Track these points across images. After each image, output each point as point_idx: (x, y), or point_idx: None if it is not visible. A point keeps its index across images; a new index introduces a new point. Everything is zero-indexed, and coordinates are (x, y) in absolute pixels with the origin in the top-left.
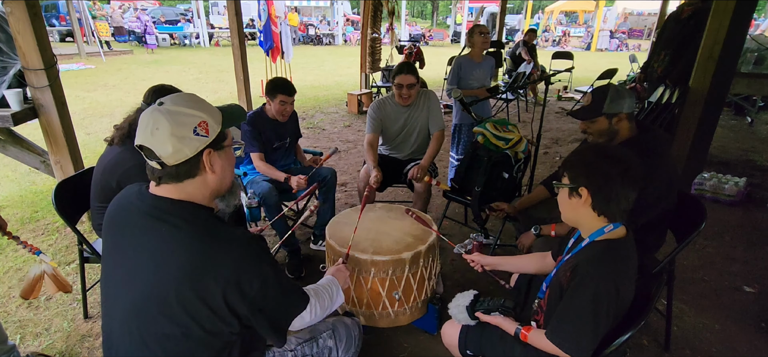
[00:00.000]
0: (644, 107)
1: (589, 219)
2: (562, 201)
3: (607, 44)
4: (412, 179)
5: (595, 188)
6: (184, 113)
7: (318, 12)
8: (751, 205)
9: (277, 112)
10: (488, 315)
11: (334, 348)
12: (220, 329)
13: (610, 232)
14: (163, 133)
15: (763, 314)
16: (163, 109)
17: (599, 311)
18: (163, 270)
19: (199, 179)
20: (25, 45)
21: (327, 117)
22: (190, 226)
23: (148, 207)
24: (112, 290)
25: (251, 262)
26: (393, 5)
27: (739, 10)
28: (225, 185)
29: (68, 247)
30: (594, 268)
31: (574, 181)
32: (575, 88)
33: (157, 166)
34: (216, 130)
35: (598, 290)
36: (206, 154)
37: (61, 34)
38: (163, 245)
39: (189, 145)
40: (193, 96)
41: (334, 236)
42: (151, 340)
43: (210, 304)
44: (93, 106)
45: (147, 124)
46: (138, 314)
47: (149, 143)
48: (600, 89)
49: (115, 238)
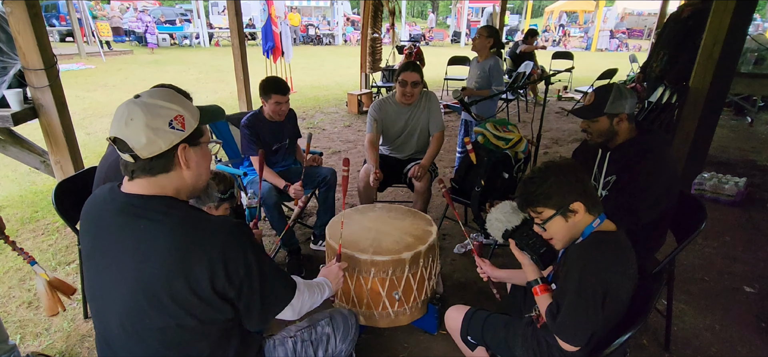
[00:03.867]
0: (644, 107)
1: (583, 222)
2: (557, 229)
3: (607, 44)
4: (413, 178)
5: (584, 193)
6: (161, 105)
7: (318, 12)
8: (751, 205)
9: (273, 113)
10: (520, 250)
11: (332, 335)
12: (213, 317)
13: (598, 226)
14: (137, 124)
15: (763, 314)
16: (139, 101)
17: (585, 293)
18: (147, 265)
19: (173, 174)
20: (25, 45)
21: (327, 117)
22: (169, 218)
23: (120, 205)
24: (99, 292)
25: (236, 248)
26: (393, 5)
27: (739, 10)
28: (201, 183)
29: (68, 247)
30: (579, 254)
31: (562, 203)
32: (575, 88)
33: (130, 158)
34: (192, 125)
35: (583, 274)
36: (181, 149)
37: (61, 34)
38: (144, 240)
39: (164, 137)
40: (172, 91)
41: (334, 236)
42: (147, 336)
43: (199, 293)
44: (93, 106)
45: (121, 115)
46: (130, 311)
47: (123, 134)
48: (603, 88)
49: (92, 240)
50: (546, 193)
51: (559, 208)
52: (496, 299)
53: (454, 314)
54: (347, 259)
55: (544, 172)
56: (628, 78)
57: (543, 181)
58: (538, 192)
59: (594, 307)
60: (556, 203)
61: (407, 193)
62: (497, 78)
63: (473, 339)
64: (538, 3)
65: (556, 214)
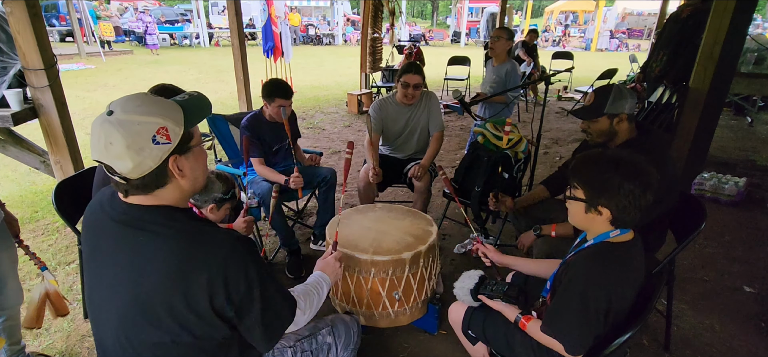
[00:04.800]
0: (644, 107)
1: (601, 228)
2: (575, 211)
3: (607, 44)
4: (412, 177)
5: (620, 208)
6: (138, 122)
7: (318, 12)
8: (751, 205)
9: (275, 115)
10: (491, 299)
11: (333, 344)
12: (210, 334)
13: (615, 237)
14: (117, 148)
15: (763, 314)
16: (114, 120)
17: (587, 310)
18: (145, 278)
19: (170, 186)
20: (25, 45)
21: (327, 117)
22: (170, 231)
23: (119, 215)
24: (97, 299)
25: (237, 263)
26: (393, 5)
27: (739, 10)
28: (198, 184)
29: (68, 247)
30: (583, 266)
31: (591, 199)
32: (575, 88)
33: (121, 181)
34: (178, 133)
35: (587, 288)
36: (172, 161)
37: (61, 34)
38: (142, 253)
39: (150, 156)
40: (146, 97)
41: (333, 228)
42: (142, 349)
43: (196, 310)
44: (93, 106)
45: (99, 138)
46: (126, 324)
47: (105, 159)
48: (603, 89)
49: (92, 246)
50: (590, 180)
51: (588, 200)
52: None
53: (457, 308)
54: (347, 259)
55: (609, 165)
56: (628, 78)
57: (600, 171)
58: (586, 172)
59: (597, 321)
60: (590, 195)
61: (407, 193)
62: (514, 83)
63: (474, 333)
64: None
65: (584, 201)
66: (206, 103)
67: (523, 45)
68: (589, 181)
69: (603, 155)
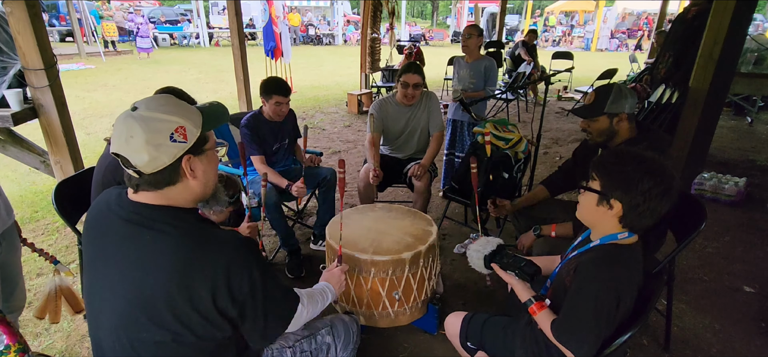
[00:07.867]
0: (644, 107)
1: (609, 226)
2: (586, 203)
3: (607, 44)
4: (412, 177)
5: (633, 205)
6: (160, 119)
7: (318, 12)
8: (751, 205)
9: (273, 113)
10: (504, 271)
11: (333, 344)
12: (211, 334)
13: (622, 239)
14: (137, 142)
15: (763, 314)
16: (137, 115)
17: (600, 313)
18: (150, 276)
19: (180, 185)
20: (25, 45)
21: (327, 117)
22: (177, 230)
23: (127, 213)
24: (97, 299)
25: (241, 264)
26: (393, 5)
27: (739, 10)
28: (208, 189)
29: (68, 247)
30: (597, 270)
31: (607, 189)
32: (575, 88)
33: (135, 174)
34: (195, 134)
35: (600, 292)
36: (185, 161)
37: (61, 34)
38: (149, 251)
39: (166, 152)
40: (170, 98)
41: (334, 237)
42: (141, 348)
43: (200, 309)
44: (93, 106)
45: (121, 132)
46: (126, 323)
47: (124, 151)
48: (603, 88)
49: (96, 245)
50: (611, 171)
51: (603, 191)
52: (487, 283)
53: (453, 320)
54: (347, 259)
55: (634, 160)
56: (629, 78)
57: (623, 162)
58: (609, 163)
59: (607, 323)
60: (607, 185)
61: (407, 193)
62: (493, 79)
63: (472, 343)
64: (537, 3)
65: (598, 192)
66: (224, 112)
67: (523, 45)
68: (609, 171)
69: (631, 150)
